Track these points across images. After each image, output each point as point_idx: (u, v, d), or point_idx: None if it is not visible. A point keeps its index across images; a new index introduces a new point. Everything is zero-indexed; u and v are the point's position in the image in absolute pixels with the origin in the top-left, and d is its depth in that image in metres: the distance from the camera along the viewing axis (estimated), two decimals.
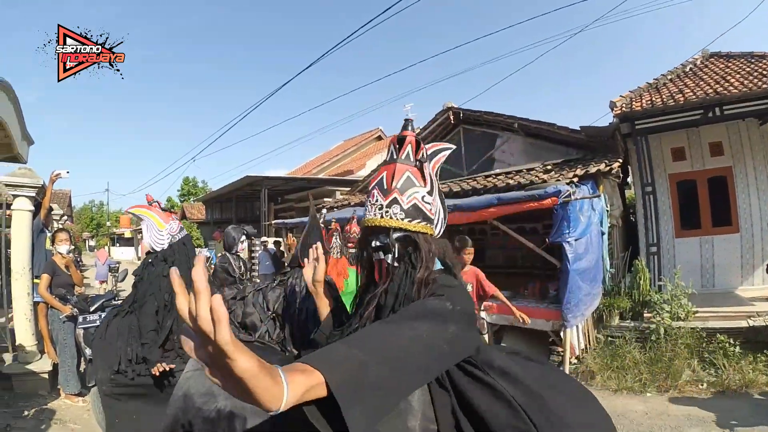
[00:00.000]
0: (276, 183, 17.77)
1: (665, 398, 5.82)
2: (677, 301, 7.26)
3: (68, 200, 26.81)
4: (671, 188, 9.82)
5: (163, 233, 3.53)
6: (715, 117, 8.23)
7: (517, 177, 9.69)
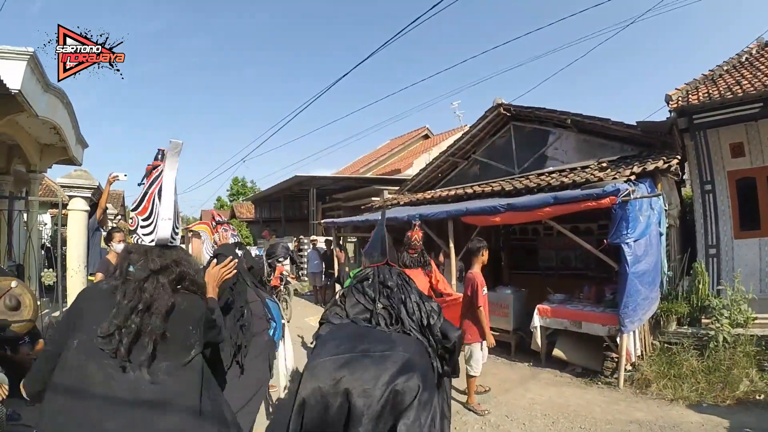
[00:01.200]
0: (324, 182, 17.89)
1: (722, 409, 5.53)
2: (737, 306, 6.87)
3: (122, 200, 27.72)
4: (730, 186, 9.22)
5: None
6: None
7: (571, 175, 9.38)
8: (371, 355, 2.84)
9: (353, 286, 3.56)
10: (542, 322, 7.56)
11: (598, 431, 5.12)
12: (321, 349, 2.97)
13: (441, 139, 22.29)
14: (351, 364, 2.76)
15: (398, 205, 13.26)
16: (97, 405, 1.85)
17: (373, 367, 2.74)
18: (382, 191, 16.85)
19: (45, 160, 9.01)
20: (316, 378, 2.73)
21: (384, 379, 2.67)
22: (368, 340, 3.00)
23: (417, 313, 3.31)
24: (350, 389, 2.63)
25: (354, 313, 3.35)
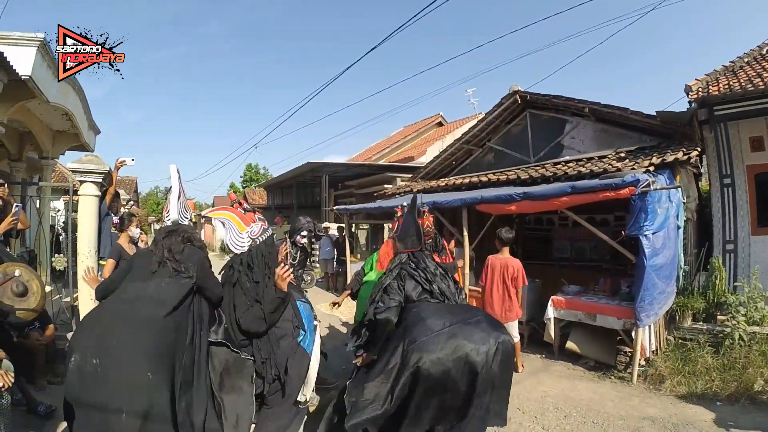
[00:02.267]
0: (337, 169, 17.84)
1: (736, 408, 5.44)
2: (753, 304, 6.75)
3: (134, 186, 27.87)
4: (748, 181, 8.93)
5: (243, 236, 3.66)
6: None
7: (588, 165, 9.19)
8: (470, 321, 3.36)
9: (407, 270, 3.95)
10: (556, 314, 7.47)
11: (611, 427, 5.05)
12: (422, 327, 3.33)
13: (455, 127, 22.12)
14: (461, 332, 3.23)
15: (411, 193, 13.17)
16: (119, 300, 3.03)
17: (478, 330, 3.26)
18: (394, 179, 16.79)
19: (57, 147, 9.04)
20: (433, 351, 3.13)
21: (490, 336, 3.22)
22: (457, 312, 3.52)
23: (455, 293, 3.95)
24: (468, 352, 3.13)
25: (416, 295, 3.81)
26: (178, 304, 2.99)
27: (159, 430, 2.60)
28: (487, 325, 3.37)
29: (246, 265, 3.60)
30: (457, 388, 3.15)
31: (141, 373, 2.57)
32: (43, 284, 4.48)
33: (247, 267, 3.60)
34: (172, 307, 2.93)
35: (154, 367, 2.63)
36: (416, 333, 3.29)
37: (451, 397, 3.17)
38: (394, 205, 11.14)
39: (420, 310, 3.56)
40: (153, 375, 2.60)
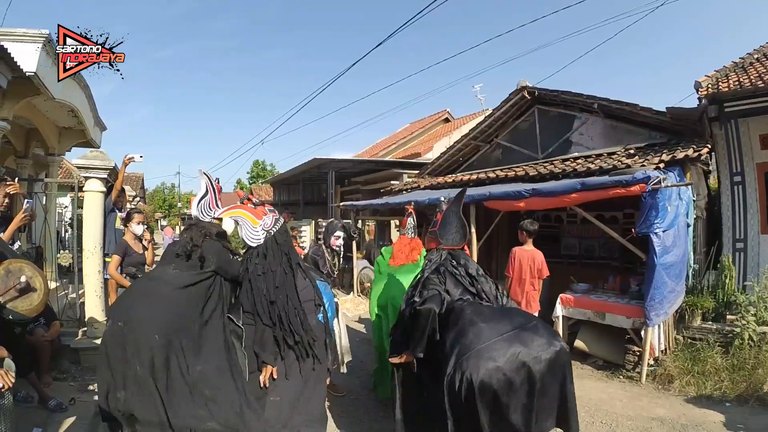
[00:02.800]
0: (343, 165, 17.78)
1: (745, 409, 5.38)
2: (763, 303, 6.64)
3: (141, 182, 27.95)
4: (758, 179, 8.79)
5: (257, 229, 3.76)
6: None
7: (597, 161, 9.14)
8: (528, 327, 3.17)
9: (447, 268, 3.72)
10: (565, 312, 7.42)
11: (619, 427, 5.01)
12: (477, 331, 3.13)
13: (462, 123, 22.00)
14: (519, 339, 3.04)
15: (418, 189, 13.13)
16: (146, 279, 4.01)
17: (537, 337, 3.08)
18: (401, 175, 16.71)
19: (63, 144, 9.02)
20: (492, 359, 2.95)
21: (548, 344, 3.05)
22: (511, 317, 3.31)
23: (497, 296, 3.68)
24: (527, 360, 2.94)
25: (458, 294, 3.58)
26: (189, 285, 3.44)
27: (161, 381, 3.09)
28: (545, 331, 3.19)
29: (261, 255, 3.67)
30: (517, 398, 2.96)
31: (150, 334, 3.12)
32: (47, 281, 4.46)
33: (263, 257, 3.67)
34: (183, 287, 3.41)
35: (162, 332, 3.15)
36: (471, 338, 3.10)
37: (512, 409, 2.96)
38: (401, 201, 11.18)
39: (474, 313, 3.33)
40: (159, 338, 3.13)
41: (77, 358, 6.31)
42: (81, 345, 6.30)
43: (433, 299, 3.41)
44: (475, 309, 3.40)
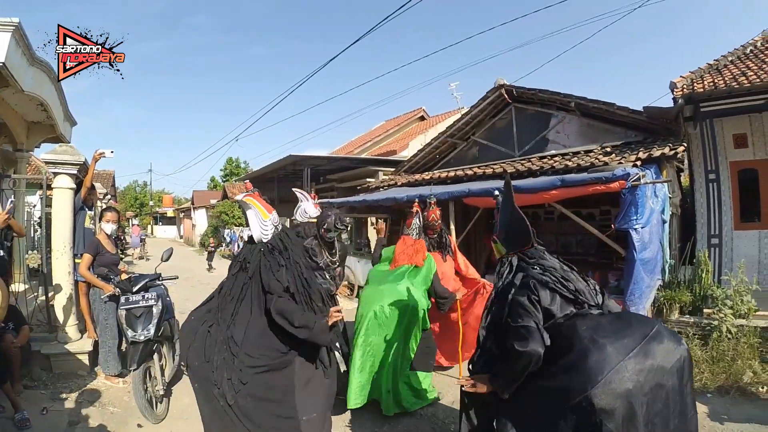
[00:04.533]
0: (319, 162, 17.68)
1: (726, 400, 5.48)
2: (739, 297, 6.77)
3: (112, 180, 27.27)
4: (732, 177, 9.18)
5: (267, 223, 3.69)
6: None
7: (575, 159, 9.29)
8: (653, 336, 2.68)
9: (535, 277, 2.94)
10: None
11: None
12: (601, 356, 2.58)
13: (437, 121, 22.04)
14: (647, 353, 2.59)
15: (396, 186, 13.13)
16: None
17: (662, 345, 2.64)
18: (377, 172, 16.69)
19: (32, 139, 8.69)
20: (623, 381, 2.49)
21: (676, 350, 2.65)
22: (632, 325, 2.77)
23: (594, 293, 3.06)
24: (664, 374, 2.55)
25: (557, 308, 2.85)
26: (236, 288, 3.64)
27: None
28: (669, 334, 2.73)
29: (279, 249, 3.63)
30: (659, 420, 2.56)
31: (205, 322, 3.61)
32: (4, 286, 4.34)
33: (283, 250, 3.63)
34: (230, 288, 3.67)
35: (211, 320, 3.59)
36: (597, 366, 2.54)
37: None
38: (379, 198, 11.15)
39: (591, 329, 2.73)
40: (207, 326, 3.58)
41: (48, 364, 6.00)
42: (52, 351, 6.00)
43: (534, 338, 2.69)
44: (590, 323, 2.79)
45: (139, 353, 4.91)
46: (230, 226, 27.64)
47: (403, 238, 5.72)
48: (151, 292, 5.34)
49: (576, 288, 2.93)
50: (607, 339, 2.63)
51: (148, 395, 4.89)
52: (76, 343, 6.17)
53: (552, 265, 3.04)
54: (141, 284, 5.35)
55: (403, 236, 5.79)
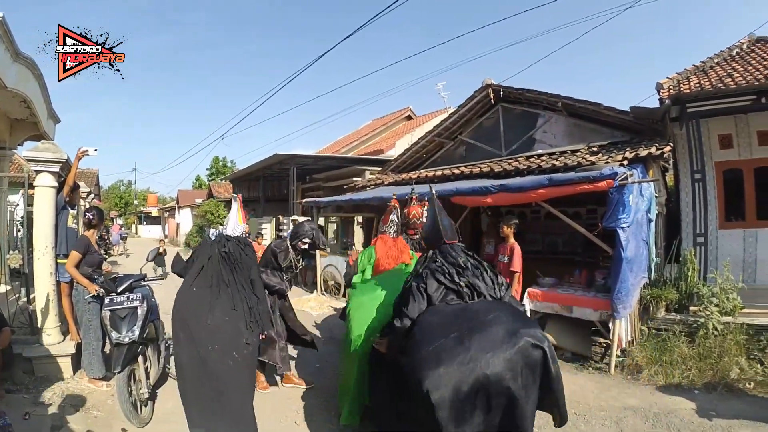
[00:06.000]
0: (305, 161, 17.67)
1: (714, 396, 5.54)
2: (725, 294, 6.89)
3: (96, 179, 26.92)
4: (717, 177, 9.35)
5: (239, 227, 5.17)
6: (767, 104, 7.79)
7: (562, 158, 9.36)
8: (483, 320, 2.84)
9: (431, 268, 3.38)
10: (532, 306, 7.47)
11: (594, 418, 5.04)
12: (426, 337, 2.88)
13: (424, 121, 22.11)
14: (470, 340, 2.71)
15: (382, 185, 13.12)
16: None
17: (492, 329, 2.75)
18: (363, 172, 16.70)
19: (15, 137, 8.49)
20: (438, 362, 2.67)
21: (509, 337, 2.70)
22: (471, 313, 2.97)
23: (493, 287, 3.30)
24: (484, 364, 2.61)
25: (438, 297, 3.22)
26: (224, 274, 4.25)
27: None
28: (506, 321, 2.81)
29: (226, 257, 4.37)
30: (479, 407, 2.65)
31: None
32: None
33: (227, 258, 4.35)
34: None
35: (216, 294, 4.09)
36: (424, 343, 2.85)
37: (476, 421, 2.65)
38: (366, 198, 11.14)
39: (432, 313, 3.10)
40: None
41: (30, 367, 5.81)
42: (34, 353, 5.82)
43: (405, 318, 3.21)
44: (436, 308, 3.17)
45: (123, 355, 4.78)
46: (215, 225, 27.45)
47: (381, 238, 5.57)
48: (136, 293, 5.24)
49: (470, 282, 3.24)
50: (436, 322, 2.96)
51: (132, 398, 4.77)
52: (59, 345, 6.01)
53: (453, 261, 3.40)
54: (126, 285, 5.27)
55: (380, 236, 5.64)
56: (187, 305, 4.12)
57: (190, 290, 4.22)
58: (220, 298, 4.09)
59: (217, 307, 4.03)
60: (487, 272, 3.37)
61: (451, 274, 3.28)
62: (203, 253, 4.47)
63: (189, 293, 4.20)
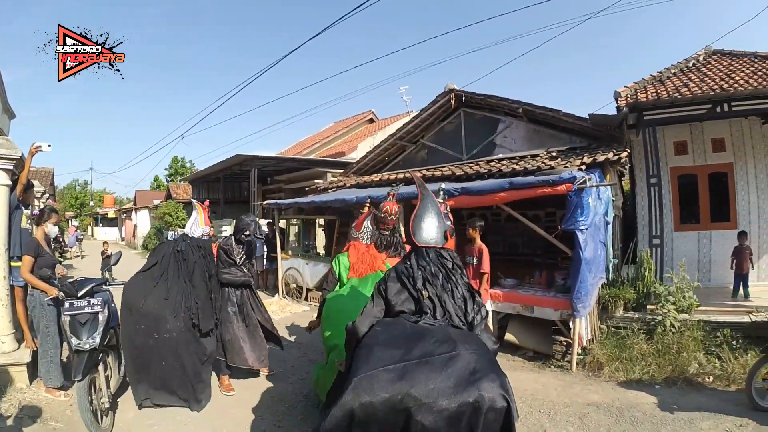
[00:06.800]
0: (266, 163, 17.55)
1: (674, 390, 5.74)
2: (682, 293, 7.19)
3: (51, 178, 25.66)
4: (672, 181, 9.91)
5: (198, 229, 5.83)
6: (721, 113, 8.22)
7: (522, 162, 9.59)
8: (439, 355, 2.41)
9: (398, 269, 3.03)
10: (494, 307, 7.58)
11: (558, 414, 5.14)
12: (368, 356, 2.49)
13: (386, 124, 22.23)
14: (407, 374, 2.33)
15: (344, 188, 13.14)
16: None
17: (442, 375, 2.33)
18: (325, 174, 16.65)
19: None
20: (369, 391, 2.30)
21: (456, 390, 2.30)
22: (426, 341, 2.51)
23: (463, 307, 2.89)
24: (412, 406, 2.26)
25: (399, 303, 2.87)
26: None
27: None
28: (470, 366, 2.40)
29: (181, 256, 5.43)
30: None
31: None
32: None
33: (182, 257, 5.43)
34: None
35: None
36: (360, 363, 2.48)
37: None
38: (328, 200, 11.14)
39: (382, 332, 2.71)
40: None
41: None
42: None
43: (362, 320, 2.89)
44: (387, 327, 2.75)
45: (84, 363, 4.55)
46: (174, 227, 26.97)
47: (353, 245, 5.25)
48: (96, 298, 4.94)
49: (435, 295, 2.85)
50: (380, 345, 2.55)
51: (93, 408, 4.53)
52: (14, 353, 5.70)
53: (423, 266, 2.97)
54: (86, 289, 4.94)
55: (352, 242, 5.32)
56: (130, 291, 5.18)
57: (137, 279, 5.33)
58: (157, 288, 5.19)
59: (152, 295, 5.12)
60: (458, 288, 2.94)
61: (416, 279, 2.90)
62: (161, 250, 5.61)
63: (135, 281, 5.30)
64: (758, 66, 9.14)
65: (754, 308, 7.03)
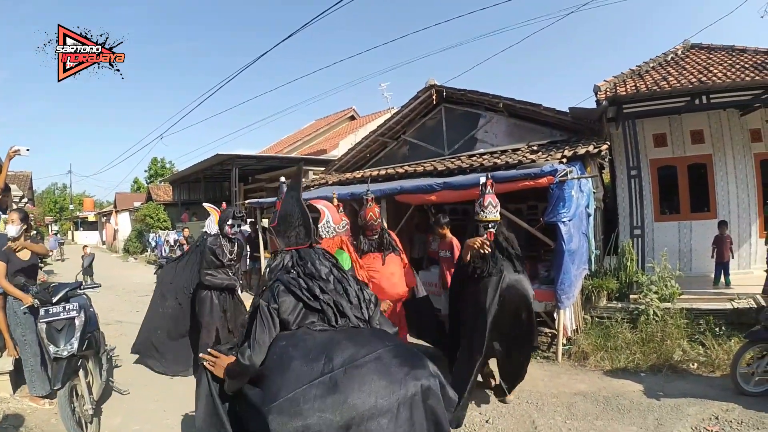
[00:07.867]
0: (247, 162, 17.49)
1: (659, 378, 5.82)
2: (664, 282, 7.32)
3: (29, 182, 25.20)
4: (651, 173, 10.05)
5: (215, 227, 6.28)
6: (700, 105, 8.42)
7: (503, 157, 9.64)
8: (362, 361, 2.27)
9: (283, 280, 2.62)
10: None
11: (546, 404, 5.18)
12: (285, 376, 2.26)
13: (367, 121, 22.21)
14: (347, 382, 2.19)
15: (326, 185, 13.10)
16: None
17: (376, 374, 2.23)
18: (307, 172, 16.60)
19: None
20: (298, 414, 2.11)
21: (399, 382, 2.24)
22: (343, 348, 2.35)
23: (359, 306, 2.72)
24: (353, 417, 2.12)
25: (297, 319, 2.55)
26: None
27: None
28: (396, 361, 2.33)
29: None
30: None
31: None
32: None
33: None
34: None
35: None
36: (277, 386, 2.23)
37: None
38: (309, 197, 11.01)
39: (287, 348, 2.41)
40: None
41: None
42: None
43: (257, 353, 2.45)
44: (295, 340, 2.46)
45: (62, 370, 4.44)
46: (155, 229, 26.70)
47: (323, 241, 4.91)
48: (72, 303, 4.84)
49: (334, 301, 2.60)
50: (296, 359, 2.31)
51: (76, 416, 4.43)
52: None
53: (310, 272, 2.69)
54: (61, 294, 4.84)
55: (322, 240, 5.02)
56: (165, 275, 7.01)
57: (172, 267, 7.08)
58: (176, 274, 6.78)
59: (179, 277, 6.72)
60: (351, 286, 2.75)
61: (311, 288, 2.59)
62: (194, 245, 7.27)
63: (170, 268, 7.10)
64: (735, 59, 9.28)
65: (736, 295, 7.20)
